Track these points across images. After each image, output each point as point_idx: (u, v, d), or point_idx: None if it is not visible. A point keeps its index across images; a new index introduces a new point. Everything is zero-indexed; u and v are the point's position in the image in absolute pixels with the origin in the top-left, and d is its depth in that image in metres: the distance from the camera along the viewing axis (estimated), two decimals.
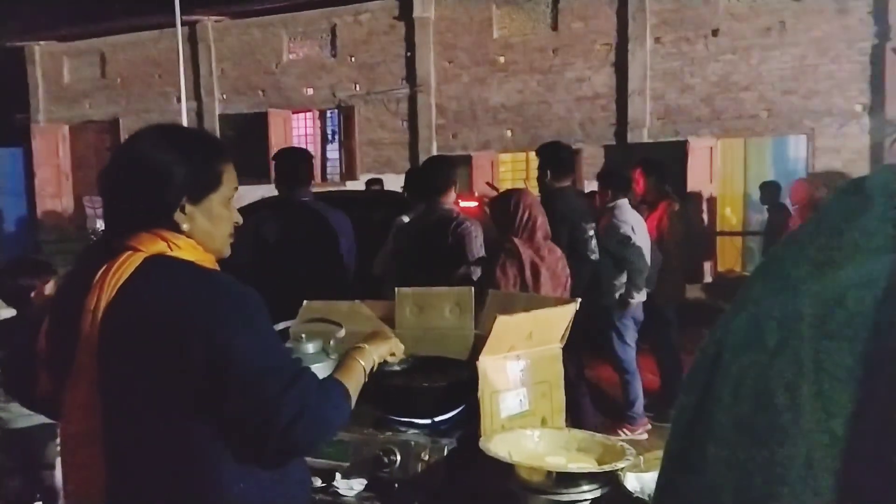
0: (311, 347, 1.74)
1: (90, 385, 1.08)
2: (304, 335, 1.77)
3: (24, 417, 2.80)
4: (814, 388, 0.48)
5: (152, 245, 1.12)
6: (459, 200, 4.09)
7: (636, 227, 4.30)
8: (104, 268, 1.11)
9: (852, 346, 0.48)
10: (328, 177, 11.37)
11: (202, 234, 1.16)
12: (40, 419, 2.76)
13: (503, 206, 2.97)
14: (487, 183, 9.57)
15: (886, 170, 0.56)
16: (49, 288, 3.01)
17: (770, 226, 6.82)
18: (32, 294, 2.95)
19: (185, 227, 1.14)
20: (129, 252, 1.11)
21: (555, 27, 9.63)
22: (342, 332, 1.81)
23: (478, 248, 3.09)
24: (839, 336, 0.49)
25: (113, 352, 1.08)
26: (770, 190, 6.70)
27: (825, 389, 0.48)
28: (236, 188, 1.22)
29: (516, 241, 2.82)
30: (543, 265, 2.79)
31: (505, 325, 1.53)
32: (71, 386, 1.10)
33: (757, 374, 0.53)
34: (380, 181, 7.60)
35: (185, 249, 1.14)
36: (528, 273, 2.74)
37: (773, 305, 0.55)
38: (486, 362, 1.53)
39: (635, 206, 4.54)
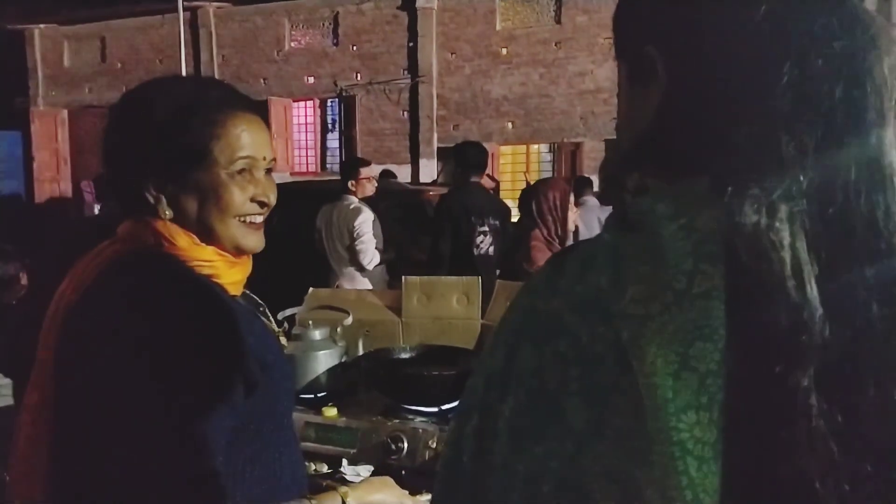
0: (318, 334, 1.75)
1: (42, 390, 0.91)
2: (310, 322, 1.78)
3: None
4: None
5: (136, 236, 0.90)
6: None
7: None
8: (80, 262, 0.91)
9: (712, 416, 0.43)
10: (327, 166, 11.34)
11: (191, 223, 0.89)
12: None
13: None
14: (487, 174, 9.59)
15: (651, 197, 0.48)
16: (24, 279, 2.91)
17: None
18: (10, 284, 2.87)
19: (165, 213, 0.89)
20: (108, 244, 0.91)
21: (558, 20, 9.60)
22: (349, 320, 1.82)
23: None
24: (699, 408, 0.43)
25: (68, 359, 0.89)
26: None
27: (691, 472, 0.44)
28: (249, 156, 0.89)
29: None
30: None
31: None
32: (29, 386, 0.94)
33: (561, 465, 0.47)
34: (392, 173, 7.20)
35: (182, 246, 0.88)
36: None
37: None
38: None
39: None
